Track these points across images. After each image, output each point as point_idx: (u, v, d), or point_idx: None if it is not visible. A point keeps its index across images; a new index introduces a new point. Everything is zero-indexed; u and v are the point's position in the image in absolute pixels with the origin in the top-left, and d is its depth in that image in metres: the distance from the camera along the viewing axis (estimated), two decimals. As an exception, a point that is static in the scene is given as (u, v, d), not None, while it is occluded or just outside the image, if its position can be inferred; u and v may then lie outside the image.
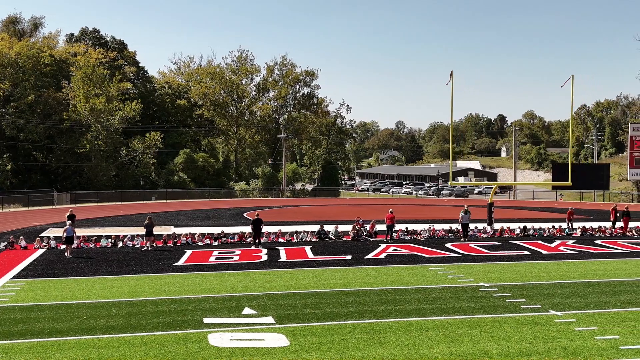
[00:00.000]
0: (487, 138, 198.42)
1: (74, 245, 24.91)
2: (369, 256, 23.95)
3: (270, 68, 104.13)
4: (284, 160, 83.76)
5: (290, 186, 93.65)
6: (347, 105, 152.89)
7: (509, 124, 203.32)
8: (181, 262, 22.43)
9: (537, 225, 33.88)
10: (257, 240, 26.16)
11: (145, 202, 65.16)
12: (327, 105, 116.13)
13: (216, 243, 27.22)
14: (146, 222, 25.65)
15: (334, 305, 15.27)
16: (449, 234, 30.45)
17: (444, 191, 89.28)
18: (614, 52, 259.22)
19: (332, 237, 28.97)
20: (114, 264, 21.87)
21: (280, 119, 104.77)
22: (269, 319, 13.90)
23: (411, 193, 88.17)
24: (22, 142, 71.62)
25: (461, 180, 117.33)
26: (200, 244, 27.14)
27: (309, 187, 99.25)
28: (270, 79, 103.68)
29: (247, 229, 28.83)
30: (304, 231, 29.22)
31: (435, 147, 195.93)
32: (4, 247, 25.62)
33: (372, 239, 28.99)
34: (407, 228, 30.65)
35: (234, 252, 24.78)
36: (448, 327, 13.28)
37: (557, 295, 16.76)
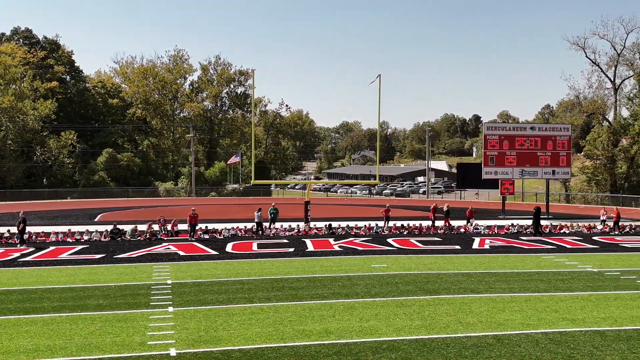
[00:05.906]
0: (458, 138, 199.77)
1: None
2: (124, 255, 23.97)
3: (204, 67, 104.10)
4: (192, 159, 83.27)
5: (221, 186, 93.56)
6: (287, 105, 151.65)
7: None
8: None
9: (350, 223, 33.45)
10: (22, 239, 26.35)
11: (58, 200, 64.89)
12: (265, 105, 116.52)
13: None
14: None
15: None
16: (253, 234, 30.54)
17: (385, 191, 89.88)
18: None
19: (128, 237, 29.01)
20: None
21: (215, 119, 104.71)
22: None
23: (356, 193, 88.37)
24: None
25: (420, 179, 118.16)
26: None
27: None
28: (205, 78, 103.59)
29: (44, 229, 28.78)
30: (96, 230, 29.20)
31: (410, 147, 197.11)
32: None
33: (166, 238, 29.03)
34: (206, 227, 30.68)
35: (-7, 251, 24.78)
36: (61, 324, 13.62)
37: (216, 292, 17.07)
